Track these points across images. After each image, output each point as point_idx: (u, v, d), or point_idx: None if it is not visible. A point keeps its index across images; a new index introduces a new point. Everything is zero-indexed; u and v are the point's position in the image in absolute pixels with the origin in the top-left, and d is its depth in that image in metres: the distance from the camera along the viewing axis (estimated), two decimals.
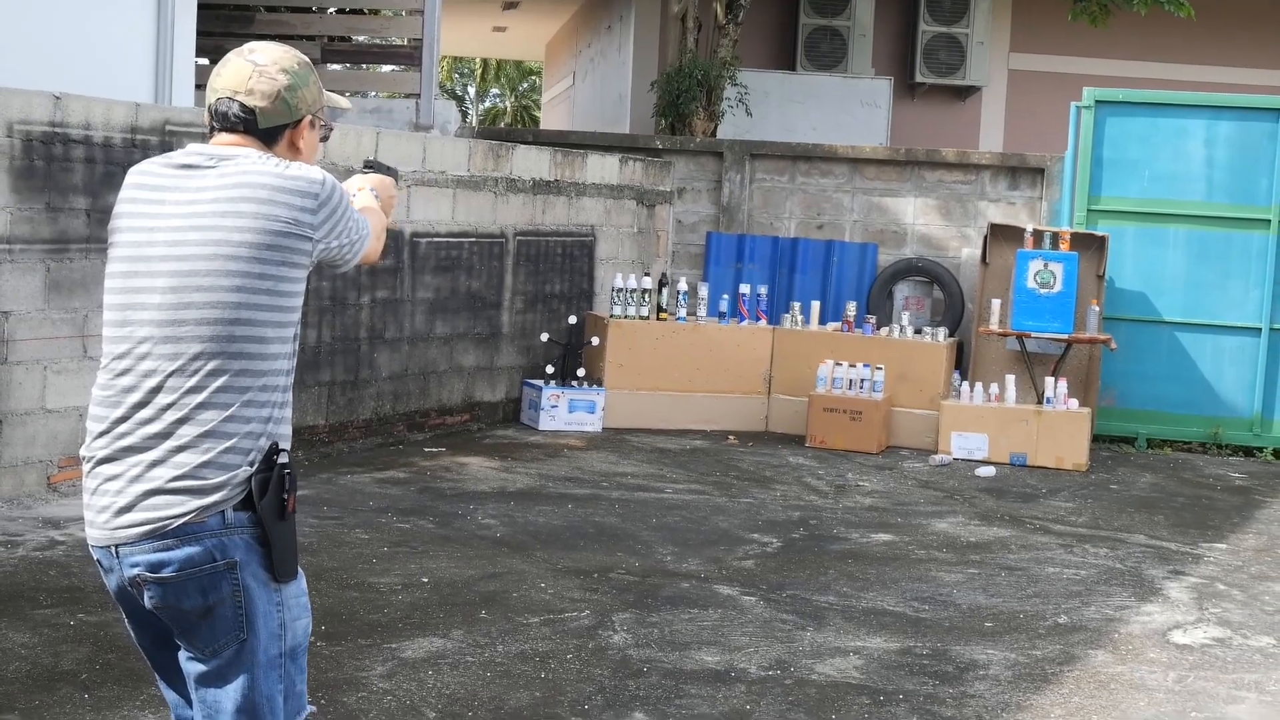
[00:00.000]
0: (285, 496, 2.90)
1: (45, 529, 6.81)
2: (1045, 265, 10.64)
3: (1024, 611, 6.39)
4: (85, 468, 2.98)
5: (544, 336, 10.76)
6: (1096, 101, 11.23)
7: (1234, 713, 5.29)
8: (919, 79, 16.54)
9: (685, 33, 14.28)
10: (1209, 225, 11.09)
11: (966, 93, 17.09)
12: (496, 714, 4.83)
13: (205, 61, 11.95)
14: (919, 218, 12.55)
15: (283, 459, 2.91)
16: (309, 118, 3.12)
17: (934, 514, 8.38)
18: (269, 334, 2.92)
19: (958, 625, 6.14)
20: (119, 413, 2.91)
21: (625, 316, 10.79)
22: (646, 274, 11.28)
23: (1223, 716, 5.24)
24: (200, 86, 10.72)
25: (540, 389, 10.52)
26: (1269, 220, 10.97)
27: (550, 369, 10.66)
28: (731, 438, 10.62)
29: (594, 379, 10.75)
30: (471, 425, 10.34)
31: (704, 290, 11.32)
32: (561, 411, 10.48)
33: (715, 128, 13.97)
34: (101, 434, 2.93)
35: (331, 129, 3.21)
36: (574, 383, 10.67)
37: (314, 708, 3.19)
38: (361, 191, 3.34)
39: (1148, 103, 11.33)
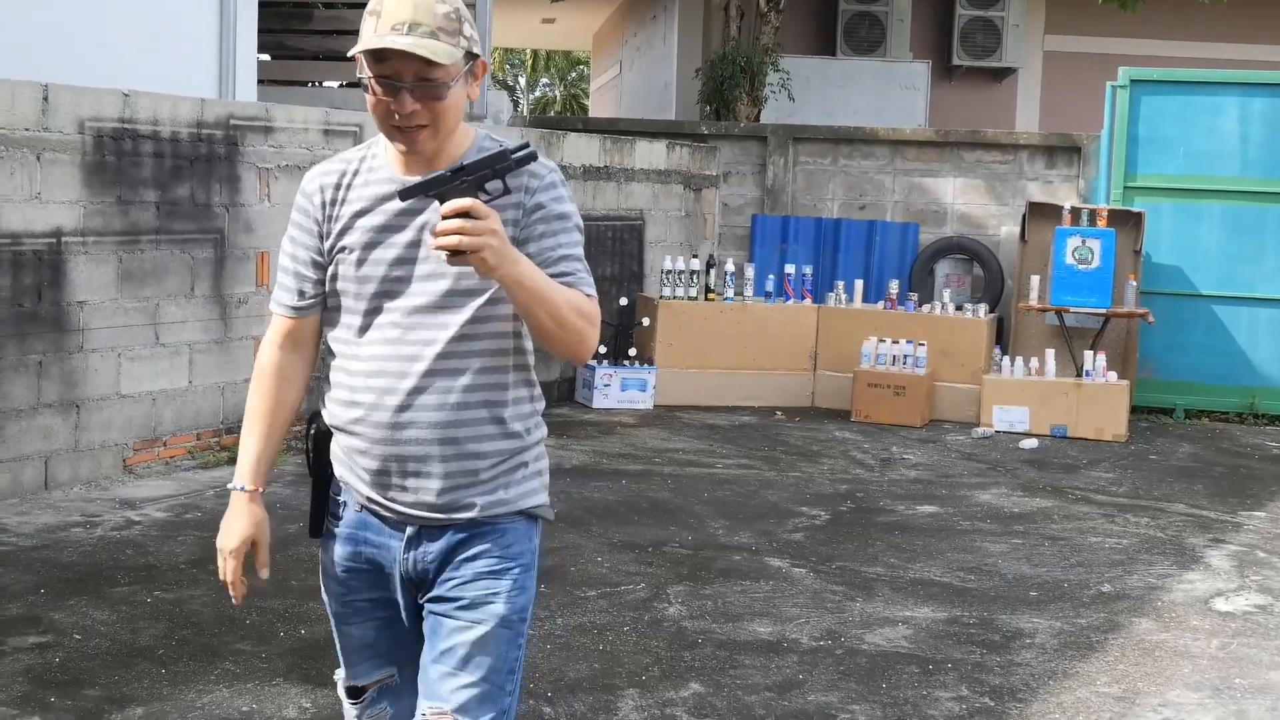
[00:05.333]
0: (309, 457, 2.97)
1: (122, 509, 6.99)
2: (1083, 242, 10.75)
3: (1068, 581, 6.50)
4: None
5: None
6: (1132, 81, 11.33)
7: (1277, 678, 5.34)
8: (956, 62, 16.62)
9: (728, 21, 14.46)
10: (1244, 200, 11.19)
11: (1002, 75, 17.15)
12: (557, 685, 4.92)
13: (267, 57, 12.17)
14: (959, 197, 12.68)
15: (318, 425, 2.93)
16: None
17: (977, 486, 8.51)
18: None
19: (1003, 595, 6.23)
20: None
21: (674, 297, 10.98)
22: (694, 256, 11.45)
23: (1266, 682, 5.29)
24: (263, 82, 10.94)
25: (593, 368, 10.71)
26: None
27: (603, 349, 10.80)
28: (779, 413, 10.78)
29: (645, 358, 10.94)
30: None
31: (750, 271, 11.46)
32: (614, 390, 10.69)
33: (759, 113, 14.15)
34: None
35: (369, 88, 2.71)
36: (626, 362, 10.86)
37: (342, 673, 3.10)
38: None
39: (1182, 81, 11.41)
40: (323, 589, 2.98)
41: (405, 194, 2.65)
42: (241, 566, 2.94)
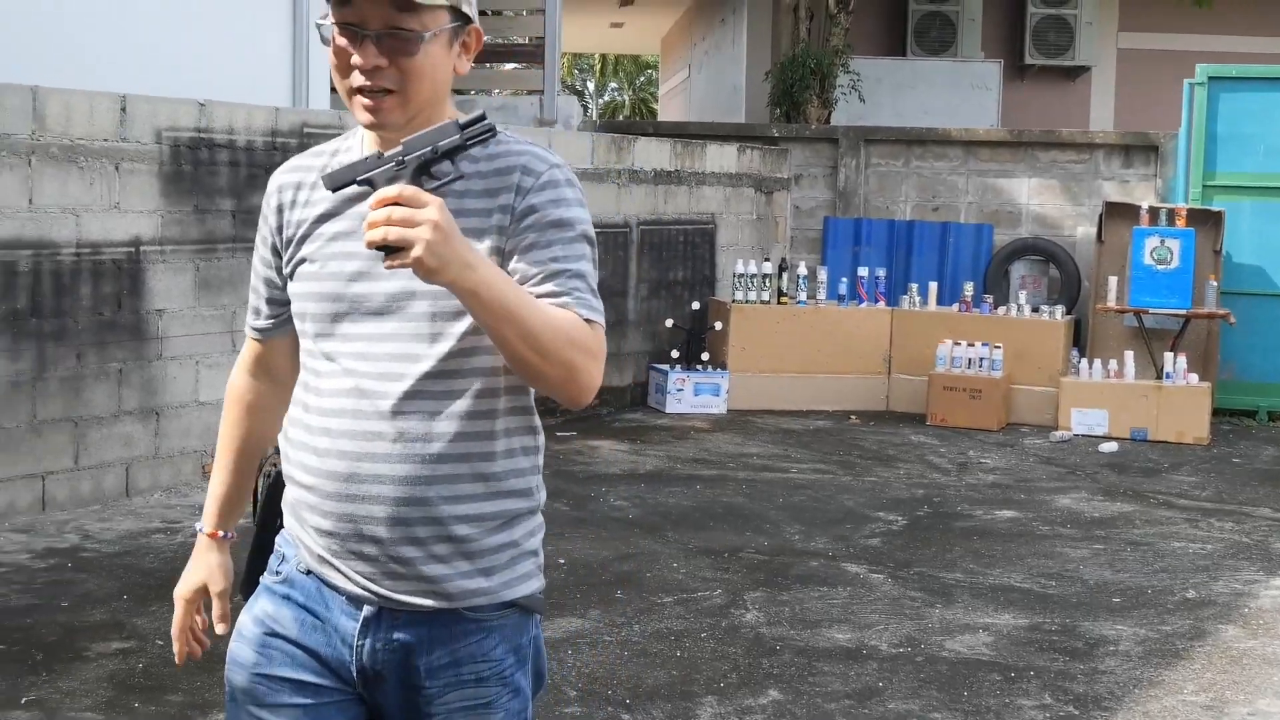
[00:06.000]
0: (256, 501, 2.59)
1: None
2: (1162, 242, 10.63)
3: (1151, 587, 6.42)
4: None
5: (669, 322, 10.94)
6: (1209, 78, 11.17)
7: None
8: (1028, 61, 16.47)
9: (797, 23, 14.40)
10: None
11: (1076, 73, 16.97)
12: (635, 692, 4.92)
13: None
14: (1033, 198, 12.57)
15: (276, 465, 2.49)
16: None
17: (1057, 490, 8.42)
18: None
19: (1085, 601, 6.16)
20: None
21: (747, 301, 10.94)
22: (766, 259, 11.41)
23: None
24: (335, 90, 11.03)
25: (666, 373, 10.71)
26: None
27: (675, 354, 10.82)
28: (853, 417, 10.72)
29: (718, 362, 10.90)
30: (600, 410, 10.54)
31: (823, 274, 11.41)
32: (687, 395, 10.67)
33: (829, 115, 14.07)
34: None
35: (330, 39, 2.25)
36: (699, 366, 10.83)
37: None
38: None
39: (1261, 77, 11.25)
40: (228, 660, 2.37)
41: (331, 181, 2.17)
42: (190, 619, 2.55)
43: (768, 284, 11.02)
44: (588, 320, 2.17)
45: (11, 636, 5.28)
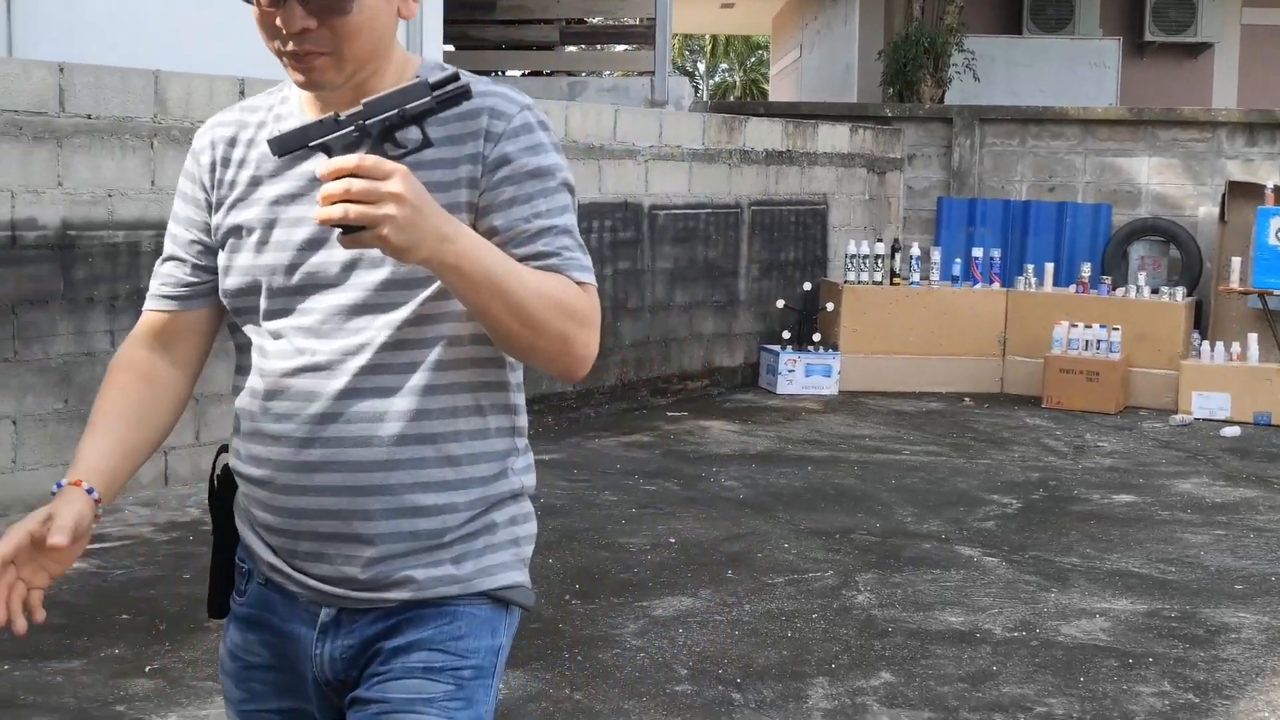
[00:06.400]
0: (211, 504, 2.21)
1: None
2: None
3: (1275, 574, 6.27)
4: None
5: (780, 303, 10.90)
6: None
7: None
8: (1148, 38, 16.17)
9: (910, 1, 14.26)
10: None
11: (1197, 50, 16.63)
12: (746, 672, 4.91)
13: (451, 48, 12.38)
14: (1153, 177, 12.34)
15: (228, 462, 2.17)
16: None
17: (1176, 474, 8.27)
18: None
19: (1206, 588, 6.03)
20: None
21: (859, 282, 10.88)
22: (879, 240, 11.34)
23: None
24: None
25: (777, 354, 10.67)
26: None
27: (786, 334, 10.79)
28: (967, 399, 10.62)
29: (829, 343, 10.85)
30: (711, 390, 10.56)
31: (936, 254, 11.32)
32: (798, 375, 10.63)
33: (943, 94, 13.93)
34: None
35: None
36: (810, 347, 10.79)
37: None
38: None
39: None
40: (223, 692, 2.19)
41: (280, 146, 1.86)
42: (17, 555, 1.92)
43: (880, 265, 10.95)
44: (580, 283, 1.95)
45: (136, 606, 5.41)
